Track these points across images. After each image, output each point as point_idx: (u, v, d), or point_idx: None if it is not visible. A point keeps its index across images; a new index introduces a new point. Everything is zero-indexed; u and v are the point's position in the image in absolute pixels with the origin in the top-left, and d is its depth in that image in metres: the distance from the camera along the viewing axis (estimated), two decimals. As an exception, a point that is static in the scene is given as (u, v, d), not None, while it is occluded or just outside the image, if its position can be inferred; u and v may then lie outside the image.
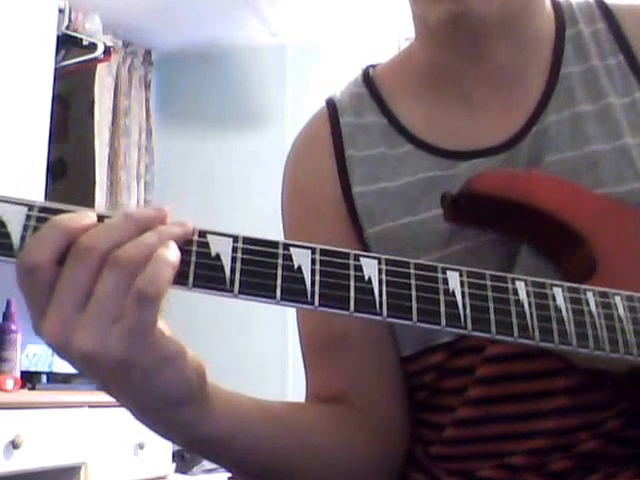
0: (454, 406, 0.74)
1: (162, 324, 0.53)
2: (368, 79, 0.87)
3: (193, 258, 0.52)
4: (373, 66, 0.90)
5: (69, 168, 3.54)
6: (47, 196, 2.71)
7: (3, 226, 0.50)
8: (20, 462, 2.16)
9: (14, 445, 2.13)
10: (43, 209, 0.51)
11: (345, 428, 0.74)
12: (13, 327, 2.58)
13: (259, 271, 0.52)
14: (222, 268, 0.52)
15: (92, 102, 3.44)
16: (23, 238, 0.50)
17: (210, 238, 0.53)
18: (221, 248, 0.53)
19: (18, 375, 2.51)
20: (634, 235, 0.71)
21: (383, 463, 0.76)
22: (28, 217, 0.50)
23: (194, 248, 0.52)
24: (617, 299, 0.61)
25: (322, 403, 0.78)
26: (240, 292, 0.52)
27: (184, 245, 0.52)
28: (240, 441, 0.64)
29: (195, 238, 0.52)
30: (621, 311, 0.61)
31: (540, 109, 0.77)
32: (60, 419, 2.33)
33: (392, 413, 0.77)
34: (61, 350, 0.51)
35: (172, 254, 0.50)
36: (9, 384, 2.34)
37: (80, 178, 3.44)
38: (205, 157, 3.68)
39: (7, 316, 2.59)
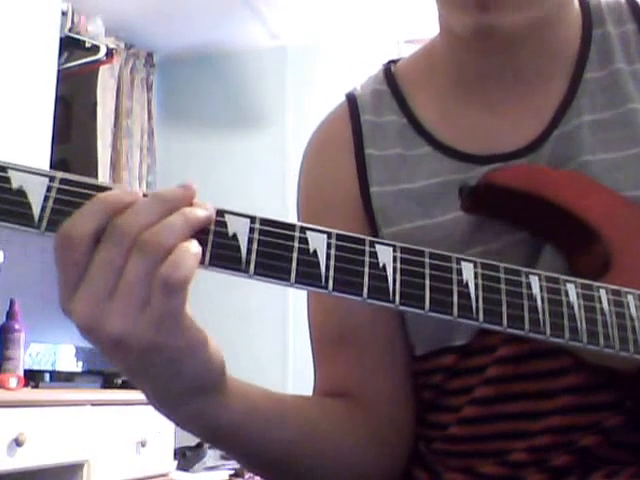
0: (459, 405, 0.74)
1: (189, 312, 0.53)
2: (389, 76, 0.85)
3: (211, 237, 0.52)
4: (394, 61, 0.88)
5: (72, 169, 3.54)
6: (50, 197, 2.72)
7: (24, 196, 0.49)
8: (23, 460, 2.16)
9: (17, 443, 2.13)
10: (64, 180, 0.50)
11: (351, 423, 0.74)
12: (17, 326, 2.59)
13: (275, 253, 0.52)
14: (239, 248, 0.52)
15: (94, 104, 3.45)
16: (43, 209, 0.49)
17: (228, 218, 0.53)
18: (238, 228, 0.53)
19: (21, 373, 2.51)
20: None
21: (387, 460, 0.77)
22: (49, 188, 0.50)
23: (212, 227, 0.52)
24: (630, 298, 0.61)
25: (329, 397, 0.77)
26: (255, 273, 0.52)
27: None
28: (252, 430, 0.65)
29: (213, 217, 0.52)
30: (633, 310, 0.61)
31: (561, 114, 0.75)
32: (63, 417, 2.33)
33: (398, 411, 0.77)
34: (91, 333, 0.51)
35: (195, 244, 0.50)
36: (12, 382, 2.35)
37: (82, 179, 3.45)
38: (206, 158, 3.69)
39: (11, 315, 2.61)
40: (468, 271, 0.56)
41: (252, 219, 0.53)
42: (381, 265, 0.54)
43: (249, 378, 0.64)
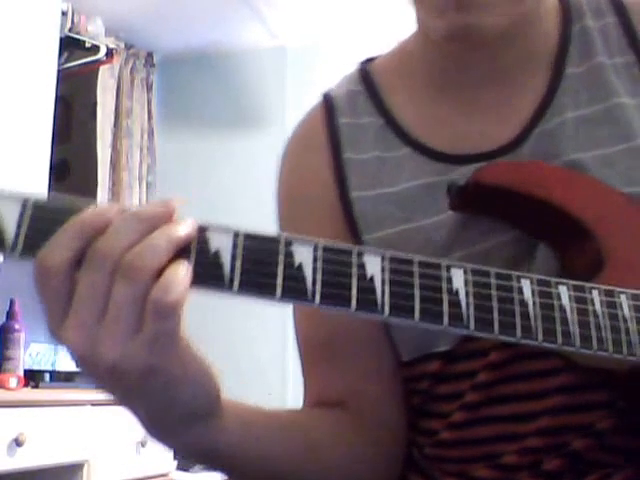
0: (448, 411, 0.74)
1: (185, 335, 0.51)
2: (365, 76, 0.83)
3: (192, 255, 0.50)
4: (370, 59, 0.86)
5: (72, 169, 3.55)
6: (50, 197, 2.72)
7: None
8: (23, 460, 2.17)
9: (17, 443, 2.14)
10: (37, 205, 0.49)
11: (344, 432, 0.74)
12: (17, 326, 2.59)
13: (259, 269, 0.50)
14: (221, 266, 0.50)
15: (94, 104, 3.45)
16: (17, 234, 0.48)
17: (210, 234, 0.51)
18: (221, 244, 0.50)
19: (21, 373, 2.52)
20: None
21: (383, 466, 0.76)
22: (22, 212, 0.49)
23: (194, 244, 0.50)
24: (622, 297, 0.60)
25: (320, 408, 0.77)
26: (239, 291, 0.50)
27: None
28: (249, 449, 0.65)
29: (195, 234, 0.50)
30: (626, 311, 0.60)
31: (542, 111, 0.74)
32: (63, 417, 2.34)
33: (390, 416, 0.77)
34: (86, 361, 0.50)
35: (184, 264, 0.49)
36: (12, 382, 2.35)
37: (83, 179, 3.45)
38: (206, 158, 3.69)
39: (10, 315, 2.61)
40: (458, 278, 0.55)
41: (235, 234, 0.51)
42: (369, 276, 0.53)
43: (249, 380, 0.64)
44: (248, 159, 3.63)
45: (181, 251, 0.50)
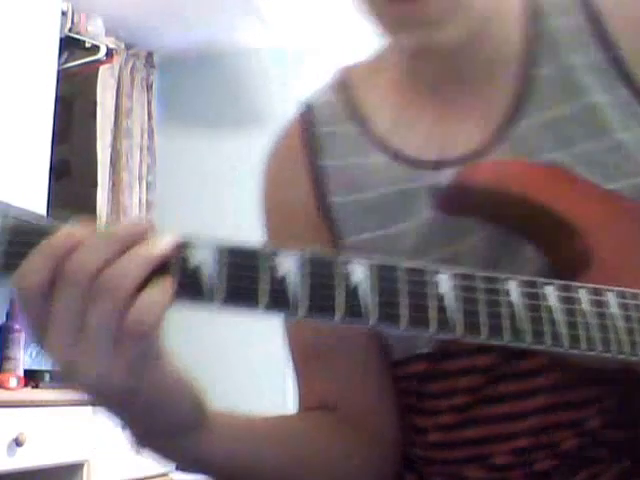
0: (438, 410, 0.74)
1: (166, 351, 0.52)
2: (342, 83, 0.84)
3: (172, 272, 0.49)
4: (347, 67, 0.87)
5: (72, 169, 3.55)
6: (50, 197, 2.73)
7: None
8: (23, 460, 2.17)
9: (17, 443, 2.14)
10: (12, 229, 0.48)
11: (338, 434, 0.75)
12: (17, 326, 2.59)
13: (241, 284, 0.50)
14: (202, 282, 0.49)
15: (94, 104, 3.45)
16: None
17: (190, 251, 0.50)
18: (202, 260, 0.49)
19: (21, 373, 2.52)
20: (629, 227, 0.68)
21: (379, 466, 0.77)
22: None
23: (172, 261, 0.49)
24: (609, 295, 0.60)
25: (314, 411, 0.78)
26: (223, 305, 0.49)
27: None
28: (241, 459, 0.66)
29: (173, 251, 0.49)
30: (613, 309, 0.59)
31: (513, 114, 0.74)
32: (63, 417, 2.34)
33: (384, 417, 0.77)
34: (68, 378, 0.50)
35: (161, 284, 0.48)
36: (12, 382, 2.35)
37: (83, 179, 3.46)
38: (206, 158, 3.69)
39: (11, 315, 2.61)
40: (444, 284, 0.54)
41: (217, 249, 0.50)
42: (354, 286, 0.52)
43: (248, 383, 0.65)
44: (248, 159, 3.62)
45: (161, 268, 0.49)
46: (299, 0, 3.36)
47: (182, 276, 0.49)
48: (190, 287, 0.49)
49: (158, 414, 0.55)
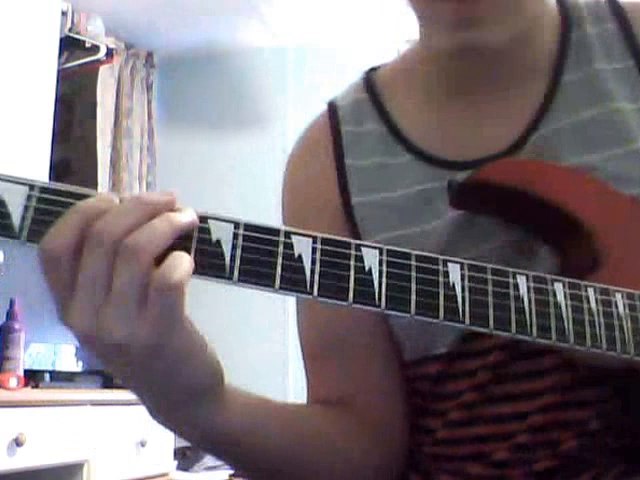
0: (446, 409, 0.75)
1: (188, 317, 0.53)
2: (369, 83, 0.85)
3: (194, 244, 0.51)
4: (375, 68, 0.88)
5: (72, 169, 3.55)
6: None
7: (3, 206, 0.49)
8: (23, 460, 2.17)
9: (17, 443, 2.14)
10: (44, 189, 0.50)
11: (346, 431, 0.75)
12: (17, 326, 2.59)
13: (259, 259, 0.52)
14: (222, 255, 0.51)
15: (95, 103, 3.45)
16: (24, 218, 0.49)
17: (211, 223, 0.52)
18: (222, 234, 0.51)
19: (21, 373, 2.52)
20: None
21: (384, 464, 0.77)
22: (29, 197, 0.49)
23: (195, 234, 0.51)
24: (618, 296, 0.61)
25: (323, 405, 0.78)
26: (239, 280, 0.51)
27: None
28: (251, 438, 0.66)
29: (196, 223, 0.52)
30: (621, 309, 0.60)
31: (539, 117, 0.75)
32: (63, 417, 2.34)
33: (391, 416, 0.78)
34: (92, 342, 0.51)
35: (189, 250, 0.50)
36: (13, 382, 2.35)
37: (83, 179, 3.45)
38: (206, 158, 3.69)
39: (11, 315, 2.61)
40: (455, 273, 0.56)
41: (236, 224, 0.52)
42: (367, 269, 0.54)
43: (249, 380, 0.65)
44: (248, 159, 3.63)
45: (183, 239, 0.51)
46: (299, 0, 3.36)
47: (203, 248, 0.51)
48: (210, 259, 0.51)
49: (177, 378, 0.55)
